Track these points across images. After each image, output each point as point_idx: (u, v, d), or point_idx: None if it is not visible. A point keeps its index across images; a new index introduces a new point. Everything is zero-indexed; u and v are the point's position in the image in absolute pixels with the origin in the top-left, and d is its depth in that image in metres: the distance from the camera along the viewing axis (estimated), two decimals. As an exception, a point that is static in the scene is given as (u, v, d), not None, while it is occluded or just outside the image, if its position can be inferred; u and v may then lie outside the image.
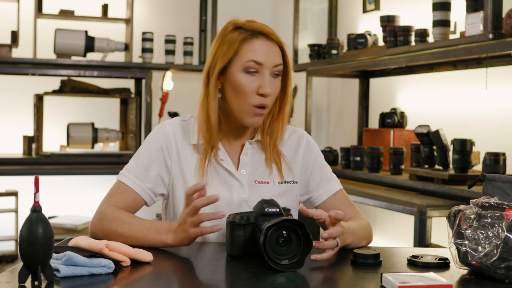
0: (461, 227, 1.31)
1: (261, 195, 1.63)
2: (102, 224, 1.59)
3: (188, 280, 1.33)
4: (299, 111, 4.55)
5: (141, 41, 4.32)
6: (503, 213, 1.28)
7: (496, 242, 1.25)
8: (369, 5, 4.12)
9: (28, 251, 1.14)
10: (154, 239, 1.52)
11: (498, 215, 1.28)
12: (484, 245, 1.27)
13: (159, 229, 1.52)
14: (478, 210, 1.32)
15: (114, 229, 1.56)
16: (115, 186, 1.69)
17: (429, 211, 2.78)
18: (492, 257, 1.25)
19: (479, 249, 1.27)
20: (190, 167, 1.68)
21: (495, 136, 3.07)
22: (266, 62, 1.62)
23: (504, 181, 1.53)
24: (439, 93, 3.52)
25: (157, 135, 1.72)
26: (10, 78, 4.30)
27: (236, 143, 1.73)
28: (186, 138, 1.71)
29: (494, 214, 1.28)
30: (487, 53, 2.69)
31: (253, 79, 1.63)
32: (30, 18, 4.14)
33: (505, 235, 1.24)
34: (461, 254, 1.31)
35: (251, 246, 1.43)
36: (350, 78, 4.21)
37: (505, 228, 1.25)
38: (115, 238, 1.53)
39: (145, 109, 4.24)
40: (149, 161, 1.69)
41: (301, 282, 1.28)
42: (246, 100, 1.63)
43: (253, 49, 1.63)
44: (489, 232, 1.27)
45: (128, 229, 1.55)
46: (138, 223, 1.56)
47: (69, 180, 4.41)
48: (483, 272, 1.28)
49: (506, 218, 1.26)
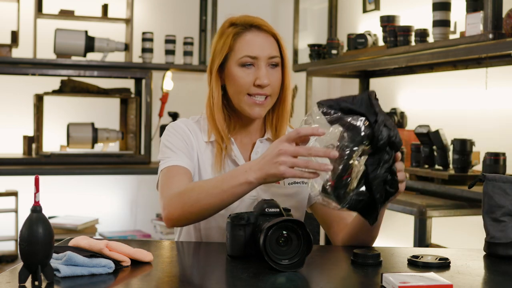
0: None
1: (272, 195, 1.64)
2: (183, 202, 1.49)
3: (188, 280, 1.33)
4: (299, 111, 4.54)
5: (141, 41, 4.31)
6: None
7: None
8: (369, 5, 4.12)
9: (28, 251, 1.15)
10: (233, 183, 1.42)
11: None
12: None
13: (235, 174, 1.43)
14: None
15: (194, 197, 1.47)
16: (164, 174, 1.63)
17: (429, 211, 2.78)
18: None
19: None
20: (206, 163, 1.69)
21: (495, 136, 3.07)
22: (260, 54, 1.64)
23: (504, 181, 1.53)
24: (439, 93, 3.52)
25: (175, 129, 1.71)
26: (10, 78, 4.29)
27: (247, 140, 1.74)
28: (199, 136, 1.72)
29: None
30: (487, 53, 2.69)
31: (249, 72, 1.65)
32: (30, 18, 4.13)
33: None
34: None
35: (251, 246, 1.43)
36: (350, 78, 4.21)
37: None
38: (199, 203, 1.45)
39: (145, 109, 4.24)
40: (181, 146, 1.68)
41: (301, 282, 1.28)
42: (243, 91, 1.65)
43: (246, 43, 1.65)
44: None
45: (204, 188, 1.46)
46: (210, 181, 1.48)
47: (69, 180, 4.41)
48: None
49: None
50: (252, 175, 1.40)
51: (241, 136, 1.74)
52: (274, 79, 1.66)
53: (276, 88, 1.68)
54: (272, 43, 1.67)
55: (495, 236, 1.53)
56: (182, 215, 1.49)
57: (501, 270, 1.43)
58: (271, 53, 1.65)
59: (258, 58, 1.64)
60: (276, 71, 1.67)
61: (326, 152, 1.30)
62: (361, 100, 1.35)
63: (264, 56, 1.64)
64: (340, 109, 1.35)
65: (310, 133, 1.33)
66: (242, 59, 1.64)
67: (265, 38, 1.66)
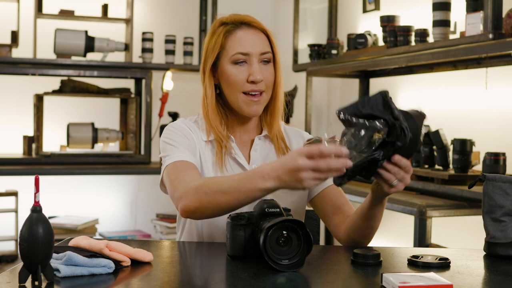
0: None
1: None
2: (200, 197, 1.46)
3: (188, 280, 1.33)
4: (299, 111, 4.54)
5: (141, 41, 4.31)
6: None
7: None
8: (369, 5, 4.12)
9: (28, 251, 1.14)
10: (250, 186, 1.38)
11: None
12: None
13: (252, 177, 1.39)
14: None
15: (211, 193, 1.44)
16: (173, 169, 1.60)
17: (429, 211, 2.78)
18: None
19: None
20: (207, 162, 1.70)
21: (495, 136, 3.07)
22: (252, 51, 1.66)
23: (504, 181, 1.53)
24: (439, 93, 3.52)
25: (175, 128, 1.71)
26: (10, 78, 4.29)
27: (246, 138, 1.76)
28: (199, 135, 1.73)
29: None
30: (487, 53, 2.69)
31: (242, 69, 1.66)
32: (30, 18, 4.13)
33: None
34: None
35: (251, 246, 1.43)
36: (350, 78, 4.20)
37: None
38: (216, 200, 1.43)
39: (145, 109, 4.24)
40: (183, 142, 1.67)
41: (301, 282, 1.28)
42: (239, 89, 1.66)
43: (237, 40, 1.66)
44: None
45: (221, 186, 1.43)
46: (227, 179, 1.45)
47: (69, 180, 4.41)
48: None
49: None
50: (271, 183, 1.36)
51: (240, 134, 1.75)
52: (267, 74, 1.68)
53: (270, 83, 1.69)
54: (263, 39, 1.69)
55: (495, 236, 1.53)
56: (199, 208, 1.47)
57: (501, 270, 1.43)
58: (262, 49, 1.67)
59: (250, 55, 1.66)
60: (269, 67, 1.69)
61: (344, 163, 1.30)
62: (375, 101, 1.39)
63: (256, 52, 1.66)
64: (362, 116, 1.37)
65: (333, 152, 1.31)
66: (234, 56, 1.66)
67: (255, 34, 1.68)
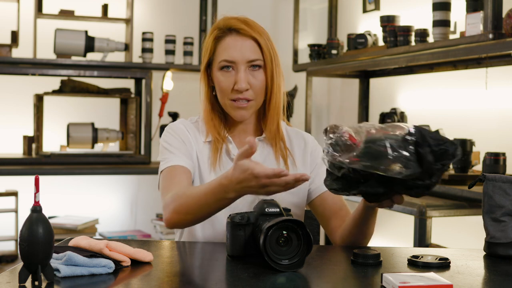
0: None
1: None
2: (177, 208, 1.51)
3: (188, 280, 1.33)
4: (299, 111, 4.54)
5: (141, 41, 4.31)
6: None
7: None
8: (369, 5, 4.12)
9: (28, 251, 1.14)
10: (216, 198, 1.44)
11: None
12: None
13: (216, 191, 1.43)
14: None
15: (185, 205, 1.50)
16: (164, 176, 1.66)
17: (429, 211, 2.78)
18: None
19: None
20: (206, 163, 1.71)
21: (495, 136, 3.07)
22: (238, 59, 1.66)
23: (504, 181, 1.53)
24: (439, 93, 3.52)
25: (173, 130, 1.73)
26: (10, 78, 4.29)
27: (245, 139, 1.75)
28: (198, 136, 1.74)
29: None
30: (487, 53, 2.69)
31: (229, 75, 1.67)
32: (30, 18, 4.13)
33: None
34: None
35: (251, 246, 1.43)
36: (350, 78, 4.20)
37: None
38: (192, 211, 1.48)
39: (145, 109, 4.24)
40: (180, 146, 1.70)
41: (301, 282, 1.28)
42: (226, 95, 1.68)
43: (225, 47, 1.67)
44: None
45: (194, 198, 1.48)
46: (198, 190, 1.49)
47: (69, 180, 4.41)
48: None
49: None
50: (234, 195, 1.41)
51: (239, 135, 1.76)
52: (255, 81, 1.67)
53: (259, 90, 1.68)
54: (252, 46, 1.67)
55: (495, 236, 1.53)
56: (179, 219, 1.52)
57: (501, 270, 1.43)
58: (250, 57, 1.66)
59: (236, 62, 1.66)
60: (259, 73, 1.68)
61: (296, 176, 1.31)
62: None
63: (242, 60, 1.66)
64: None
65: (293, 178, 1.32)
66: (221, 63, 1.68)
67: (244, 41, 1.67)
